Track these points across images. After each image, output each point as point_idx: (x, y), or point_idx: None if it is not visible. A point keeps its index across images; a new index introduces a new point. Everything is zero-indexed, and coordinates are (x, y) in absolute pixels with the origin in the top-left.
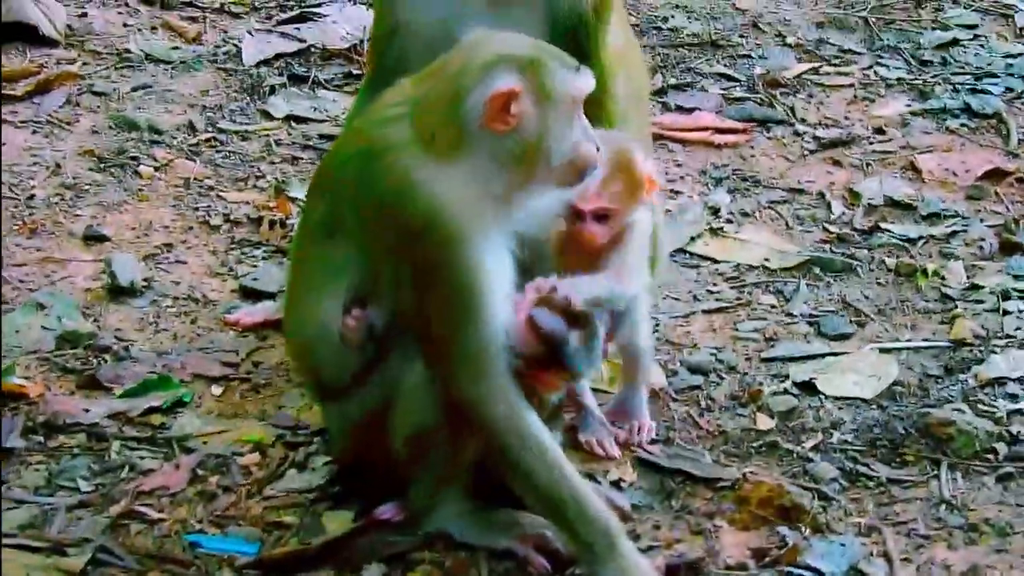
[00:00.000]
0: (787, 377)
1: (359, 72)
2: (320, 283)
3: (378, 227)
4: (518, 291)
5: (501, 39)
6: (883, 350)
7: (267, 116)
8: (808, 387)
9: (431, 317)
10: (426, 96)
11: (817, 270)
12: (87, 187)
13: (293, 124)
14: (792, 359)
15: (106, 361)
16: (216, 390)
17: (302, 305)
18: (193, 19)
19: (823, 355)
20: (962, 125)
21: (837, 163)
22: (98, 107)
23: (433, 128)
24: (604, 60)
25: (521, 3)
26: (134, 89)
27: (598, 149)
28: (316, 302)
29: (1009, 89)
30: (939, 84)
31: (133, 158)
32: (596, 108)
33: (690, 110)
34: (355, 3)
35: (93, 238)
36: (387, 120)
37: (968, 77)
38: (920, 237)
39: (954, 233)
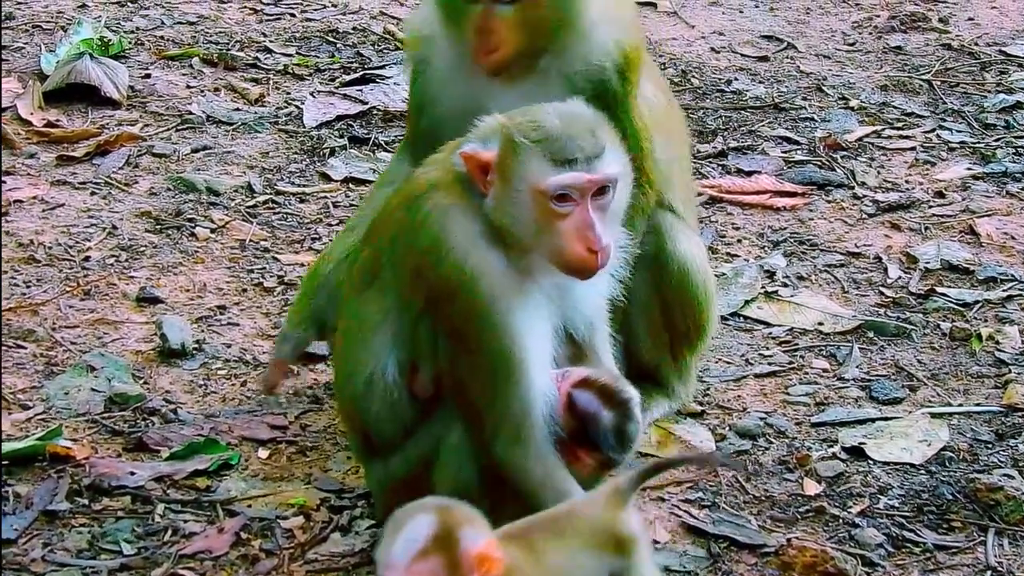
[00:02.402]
0: (836, 442)
1: None
2: (363, 336)
3: (413, 284)
4: (560, 367)
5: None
6: (934, 415)
7: (326, 178)
8: (857, 452)
9: (467, 379)
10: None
11: (871, 334)
12: (143, 248)
13: (351, 186)
14: (842, 424)
15: (154, 423)
16: (263, 453)
17: (349, 358)
18: (256, 81)
19: (873, 420)
20: (1023, 189)
21: (896, 227)
22: (157, 168)
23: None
24: (636, 124)
25: (538, 76)
26: (194, 150)
27: (594, 252)
28: (360, 355)
29: None
30: (1001, 147)
31: (190, 219)
32: (636, 172)
33: (750, 173)
34: None
35: (146, 300)
36: (431, 183)
37: None
38: (976, 301)
39: (1010, 297)
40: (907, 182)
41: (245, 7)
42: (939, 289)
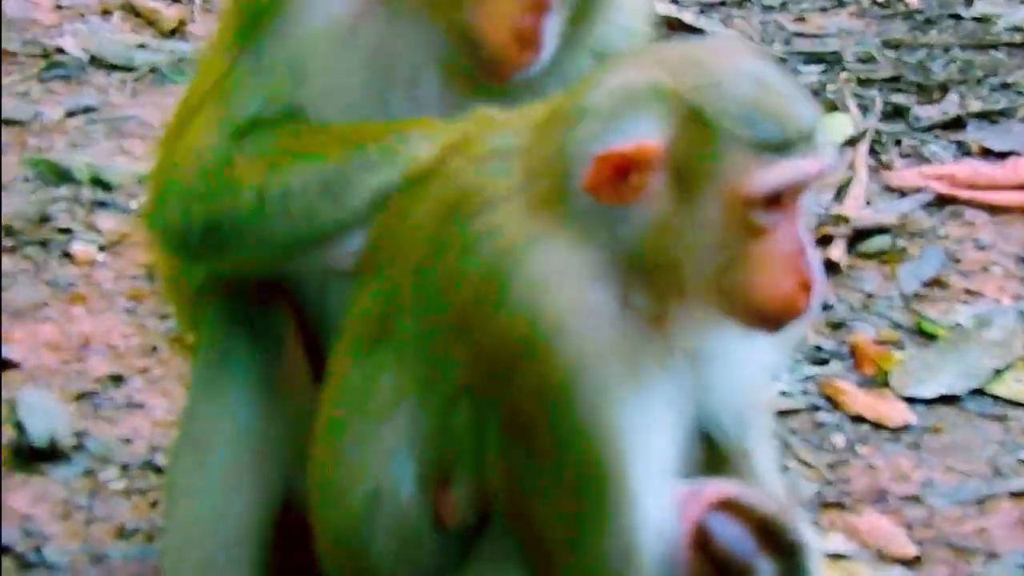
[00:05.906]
0: None
1: None
2: (364, 425)
3: (453, 343)
4: (685, 480)
5: (686, 54)
6: None
7: None
8: None
9: (537, 500)
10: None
11: None
12: None
13: None
14: None
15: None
16: None
17: (340, 461)
18: None
19: None
20: None
21: None
22: (7, 145)
23: (535, 171)
24: None
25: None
26: (70, 114)
27: (806, 288)
28: (359, 456)
29: None
30: None
31: (63, 231)
32: None
33: (1004, 155)
34: None
35: None
36: (490, 154)
37: None
38: None
39: None
40: None
41: None
42: None
